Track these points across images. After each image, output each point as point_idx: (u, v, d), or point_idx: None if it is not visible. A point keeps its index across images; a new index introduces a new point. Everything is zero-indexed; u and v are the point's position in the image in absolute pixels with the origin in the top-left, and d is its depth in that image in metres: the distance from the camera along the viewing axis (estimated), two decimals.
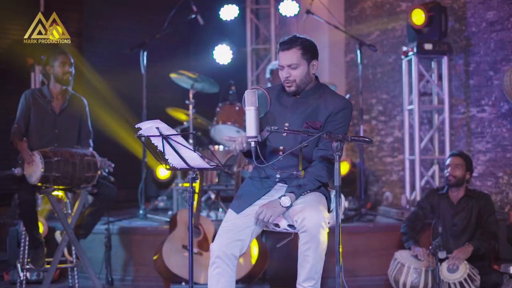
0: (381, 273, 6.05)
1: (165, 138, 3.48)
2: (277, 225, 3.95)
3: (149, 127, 3.50)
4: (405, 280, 5.42)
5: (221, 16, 8.91)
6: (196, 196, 5.81)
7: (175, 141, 3.49)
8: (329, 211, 3.97)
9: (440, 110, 7.36)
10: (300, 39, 3.97)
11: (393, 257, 5.63)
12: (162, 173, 8.41)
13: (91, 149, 5.72)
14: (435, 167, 7.41)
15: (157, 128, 3.46)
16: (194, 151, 3.47)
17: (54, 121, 5.77)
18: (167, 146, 3.54)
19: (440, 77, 7.40)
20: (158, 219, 6.85)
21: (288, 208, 3.82)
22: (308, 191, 3.88)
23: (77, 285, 5.71)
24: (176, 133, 3.47)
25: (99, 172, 5.46)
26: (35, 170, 5.20)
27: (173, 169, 3.69)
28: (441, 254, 5.21)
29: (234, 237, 3.83)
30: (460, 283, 5.21)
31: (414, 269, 5.41)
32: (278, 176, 4.01)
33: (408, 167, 7.32)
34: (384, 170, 8.52)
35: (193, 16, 7.38)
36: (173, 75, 7.09)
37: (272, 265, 5.88)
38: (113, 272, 6.06)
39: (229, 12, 8.92)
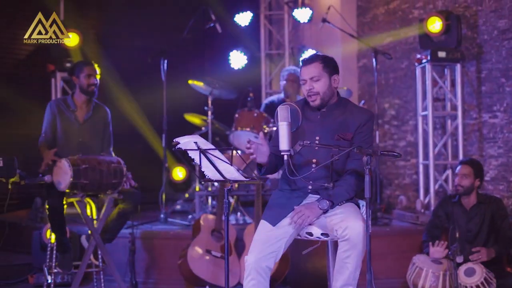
0: (398, 275, 6.19)
1: (203, 152, 3.63)
2: (310, 234, 4.10)
3: (187, 142, 3.65)
4: (423, 284, 5.57)
5: (236, 22, 9.05)
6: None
7: (212, 155, 3.64)
8: None
9: (453, 116, 7.50)
10: (321, 55, 4.19)
11: (412, 261, 5.76)
12: (178, 175, 8.55)
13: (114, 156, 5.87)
14: (449, 172, 7.55)
15: (195, 142, 3.61)
16: (231, 164, 3.61)
17: (78, 130, 5.91)
18: (203, 160, 3.69)
19: (452, 83, 7.54)
20: (178, 223, 7.02)
21: (325, 212, 3.98)
22: (344, 202, 4.05)
23: None
24: (213, 147, 3.62)
25: (124, 178, 5.60)
26: (64, 177, 5.31)
27: (208, 180, 3.84)
28: (459, 259, 5.34)
29: (269, 250, 3.96)
30: (477, 286, 5.35)
31: (432, 273, 5.55)
32: (310, 187, 4.15)
33: (422, 172, 7.47)
34: (397, 173, 8.67)
35: (212, 24, 7.54)
36: (191, 82, 7.24)
37: (293, 270, 6.01)
38: (136, 275, 6.20)
39: (243, 19, 9.07)
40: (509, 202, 6.94)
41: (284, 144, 3.75)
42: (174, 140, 3.72)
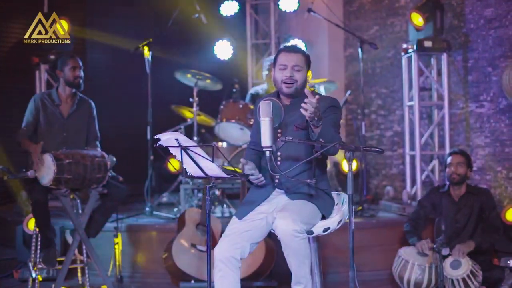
0: (384, 267, 6.19)
1: (184, 149, 3.59)
2: None
3: (168, 139, 3.61)
4: (409, 277, 5.55)
5: (221, 12, 8.98)
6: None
7: (193, 151, 3.60)
8: (329, 216, 4.10)
9: (440, 105, 7.47)
10: (302, 49, 4.18)
11: (397, 254, 5.74)
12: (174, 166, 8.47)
13: (99, 150, 5.82)
14: (435, 162, 7.53)
15: (176, 139, 3.57)
16: (212, 161, 3.57)
17: (62, 125, 5.87)
18: (185, 156, 3.65)
19: (439, 73, 7.52)
20: (164, 216, 6.97)
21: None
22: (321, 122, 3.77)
23: (88, 283, 5.82)
24: (194, 144, 3.57)
25: (109, 173, 5.56)
26: (47, 172, 5.27)
27: (190, 177, 3.80)
28: (445, 251, 5.33)
29: (234, 241, 3.98)
30: (463, 279, 5.34)
31: (418, 266, 5.54)
32: (276, 181, 4.15)
33: (408, 162, 7.45)
34: (384, 163, 8.65)
35: (196, 15, 7.47)
36: (177, 73, 7.18)
37: (279, 263, 5.98)
38: (121, 269, 6.16)
39: (229, 8, 9.00)
40: (496, 192, 6.94)
41: (266, 140, 3.71)
42: (155, 137, 3.67)
